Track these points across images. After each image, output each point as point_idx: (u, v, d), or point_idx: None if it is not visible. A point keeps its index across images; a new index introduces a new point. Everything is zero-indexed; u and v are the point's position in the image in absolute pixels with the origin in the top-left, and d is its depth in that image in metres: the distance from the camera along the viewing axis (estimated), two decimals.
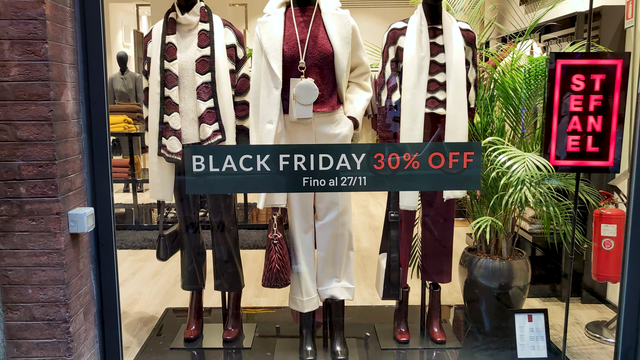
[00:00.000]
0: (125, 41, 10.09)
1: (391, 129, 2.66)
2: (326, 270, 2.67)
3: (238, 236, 2.85)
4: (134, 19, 7.83)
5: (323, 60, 2.43)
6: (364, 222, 5.53)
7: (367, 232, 5.19)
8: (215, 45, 2.56)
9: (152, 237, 4.95)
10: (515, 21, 4.40)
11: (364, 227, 5.35)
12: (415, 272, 3.05)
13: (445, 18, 2.61)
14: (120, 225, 5.43)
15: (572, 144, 2.34)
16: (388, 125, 2.66)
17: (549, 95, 2.31)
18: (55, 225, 2.01)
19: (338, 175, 2.19)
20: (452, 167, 2.22)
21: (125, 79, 6.78)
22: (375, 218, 5.66)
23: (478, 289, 2.89)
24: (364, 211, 6.03)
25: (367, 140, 7.69)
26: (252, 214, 5.78)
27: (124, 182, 6.17)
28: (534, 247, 3.85)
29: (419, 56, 2.56)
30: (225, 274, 2.82)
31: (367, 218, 5.71)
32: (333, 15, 2.46)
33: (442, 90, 2.59)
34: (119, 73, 6.82)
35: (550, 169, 2.29)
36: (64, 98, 2.04)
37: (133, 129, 5.37)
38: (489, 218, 2.60)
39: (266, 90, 2.43)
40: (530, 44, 3.68)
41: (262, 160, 2.18)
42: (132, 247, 4.76)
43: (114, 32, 9.64)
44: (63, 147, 2.04)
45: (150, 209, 5.83)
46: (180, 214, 2.81)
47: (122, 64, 6.77)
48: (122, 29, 10.09)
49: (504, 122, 2.80)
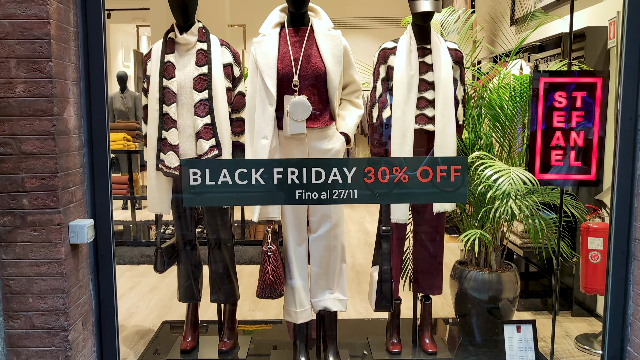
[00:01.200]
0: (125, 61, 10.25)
1: (382, 144, 2.75)
2: (319, 282, 2.74)
3: (234, 251, 2.92)
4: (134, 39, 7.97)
5: (316, 78, 2.53)
6: (359, 239, 5.60)
7: (363, 248, 5.25)
8: (212, 64, 2.66)
9: (149, 252, 5.01)
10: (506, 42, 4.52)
11: (359, 243, 5.41)
12: (407, 284, 3.11)
13: (434, 38, 2.71)
14: (119, 241, 5.48)
15: (556, 159, 2.43)
16: (379, 141, 2.75)
17: (533, 111, 2.41)
18: (56, 235, 2.08)
19: (330, 188, 2.28)
20: (440, 181, 2.31)
21: (124, 98, 6.90)
22: (370, 234, 5.72)
23: (468, 301, 2.95)
24: (360, 227, 6.09)
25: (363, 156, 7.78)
26: (249, 231, 5.85)
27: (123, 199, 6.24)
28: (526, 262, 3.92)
29: (408, 74, 2.66)
30: (221, 287, 2.88)
31: (362, 234, 5.78)
32: (326, 35, 2.56)
33: (431, 107, 2.69)
34: (118, 92, 6.94)
35: (535, 183, 2.38)
36: (66, 114, 2.13)
37: (132, 147, 5.46)
38: (477, 231, 2.67)
39: (261, 107, 2.52)
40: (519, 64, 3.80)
41: (256, 174, 2.27)
42: (130, 263, 4.82)
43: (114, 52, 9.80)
44: (65, 161, 2.12)
45: (149, 225, 5.90)
46: (178, 228, 2.88)
47: (121, 83, 6.89)
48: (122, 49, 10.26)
49: (492, 138, 2.90)
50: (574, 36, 3.38)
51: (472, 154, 2.69)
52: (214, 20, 6.50)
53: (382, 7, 8.18)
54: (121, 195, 5.67)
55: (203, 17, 2.84)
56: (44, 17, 2.00)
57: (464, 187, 2.30)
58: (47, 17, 2.01)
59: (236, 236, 5.67)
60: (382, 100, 2.74)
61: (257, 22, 2.70)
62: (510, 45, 3.95)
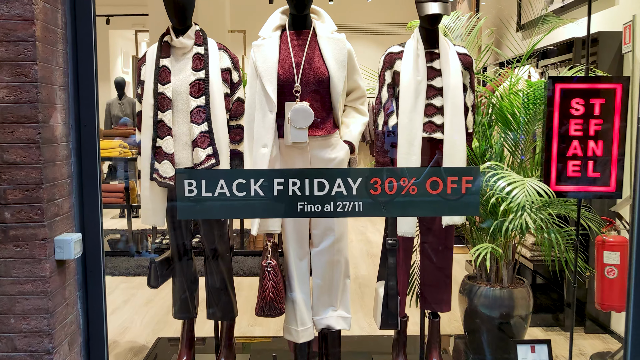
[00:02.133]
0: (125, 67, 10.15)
1: (388, 154, 2.62)
2: (322, 298, 2.59)
3: (232, 264, 2.78)
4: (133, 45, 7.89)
5: (318, 83, 2.40)
6: (361, 249, 5.45)
7: (365, 259, 5.11)
8: (209, 69, 2.53)
9: (145, 263, 4.87)
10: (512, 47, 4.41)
11: (361, 254, 5.27)
12: (414, 300, 2.96)
13: (442, 42, 2.58)
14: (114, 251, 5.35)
15: (573, 169, 2.29)
16: (385, 150, 2.62)
17: (548, 119, 2.28)
18: (40, 251, 1.94)
19: (334, 200, 2.14)
20: (450, 193, 2.17)
21: (122, 104, 6.78)
22: (373, 245, 5.58)
23: (479, 318, 2.81)
24: (362, 238, 5.95)
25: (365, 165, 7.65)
26: (248, 240, 5.70)
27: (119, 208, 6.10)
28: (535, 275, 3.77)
29: (415, 80, 2.53)
30: (218, 303, 2.74)
31: (365, 245, 5.63)
32: (329, 39, 2.43)
33: (440, 115, 2.55)
34: (116, 98, 6.82)
35: (552, 195, 2.24)
36: (53, 120, 2.00)
37: (129, 154, 5.33)
38: (488, 245, 2.53)
39: (261, 114, 2.39)
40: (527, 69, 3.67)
41: (256, 185, 2.13)
42: (126, 274, 4.67)
43: (113, 57, 9.70)
44: (51, 171, 1.99)
45: (147, 234, 5.76)
46: (173, 240, 2.74)
47: (119, 89, 6.77)
48: (122, 54, 10.16)
49: (503, 147, 2.76)
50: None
51: (483, 164, 2.55)
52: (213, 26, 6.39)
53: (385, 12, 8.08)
54: (117, 204, 5.52)
55: (202, 23, 2.71)
56: (28, 17, 1.87)
57: (476, 199, 2.17)
58: (32, 18, 1.88)
59: (235, 245, 5.53)
60: (387, 107, 2.61)
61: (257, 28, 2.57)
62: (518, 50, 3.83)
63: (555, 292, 3.62)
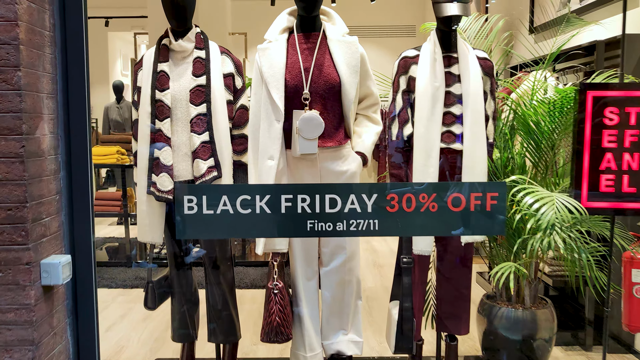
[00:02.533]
0: (124, 70, 9.98)
1: (403, 165, 2.44)
2: (332, 321, 2.41)
3: (234, 279, 2.60)
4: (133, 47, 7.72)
5: (329, 90, 2.22)
6: (367, 259, 5.26)
7: (372, 270, 4.92)
8: (211, 74, 2.35)
9: (144, 275, 4.68)
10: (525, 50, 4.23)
11: (367, 264, 5.08)
12: (430, 321, 2.78)
13: (461, 46, 2.41)
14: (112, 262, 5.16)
15: (606, 184, 2.11)
16: (400, 161, 2.44)
17: (579, 130, 2.10)
18: (24, 277, 1.76)
19: (347, 219, 1.95)
20: (474, 210, 1.99)
21: (121, 108, 6.60)
22: (379, 254, 5.39)
23: (499, 340, 2.62)
24: (368, 247, 5.76)
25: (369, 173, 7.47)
26: (249, 249, 5.51)
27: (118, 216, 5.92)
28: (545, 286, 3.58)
29: (433, 86, 2.35)
30: (219, 324, 2.56)
31: (371, 254, 5.44)
32: (340, 42, 2.26)
33: (459, 124, 2.37)
34: (114, 102, 6.65)
35: (584, 212, 2.05)
36: (39, 132, 1.81)
37: (127, 161, 5.15)
38: (512, 264, 2.35)
39: (266, 123, 2.21)
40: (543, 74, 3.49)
41: (261, 202, 1.95)
42: (123, 286, 4.48)
43: (112, 60, 9.54)
44: (37, 188, 1.80)
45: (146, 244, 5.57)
46: (171, 257, 2.56)
47: (118, 93, 6.60)
48: (121, 57, 9.98)
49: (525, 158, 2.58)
50: (609, 44, 3.08)
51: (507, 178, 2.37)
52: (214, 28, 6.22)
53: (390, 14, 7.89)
54: (115, 213, 5.35)
55: (202, 25, 2.53)
56: (11, 18, 1.69)
57: (502, 217, 1.98)
58: (15, 19, 1.69)
59: (236, 253, 5.34)
60: (402, 115, 2.43)
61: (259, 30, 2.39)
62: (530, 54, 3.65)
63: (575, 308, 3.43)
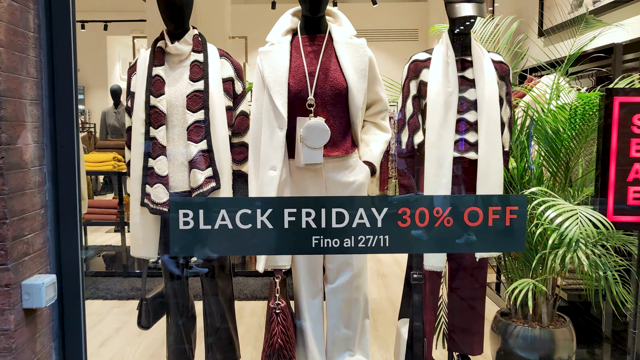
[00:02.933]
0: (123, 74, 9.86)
1: (413, 176, 2.29)
2: (337, 342, 2.26)
3: (233, 295, 2.45)
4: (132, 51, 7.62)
5: (335, 96, 2.07)
6: (371, 268, 5.11)
7: (376, 280, 4.77)
8: (209, 79, 2.21)
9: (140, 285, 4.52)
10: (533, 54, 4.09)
11: (370, 274, 4.92)
12: (441, 340, 2.62)
13: (475, 48, 2.26)
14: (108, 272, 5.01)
15: (634, 197, 1.96)
16: (410, 171, 2.29)
17: (605, 138, 1.95)
18: (3, 300, 1.61)
19: (355, 234, 1.81)
20: (492, 225, 1.84)
21: (118, 113, 6.46)
22: (383, 263, 5.24)
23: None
24: (371, 256, 5.60)
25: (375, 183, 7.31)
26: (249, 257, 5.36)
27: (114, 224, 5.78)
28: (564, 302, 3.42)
29: (445, 92, 2.21)
30: (217, 342, 2.40)
31: (374, 263, 5.29)
32: (347, 44, 2.11)
33: (473, 132, 2.23)
34: (112, 107, 6.51)
35: (610, 227, 1.91)
36: (21, 141, 1.67)
37: (123, 167, 5.00)
38: (530, 281, 2.20)
39: (268, 131, 2.06)
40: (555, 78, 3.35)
41: (263, 216, 1.80)
42: (119, 298, 4.33)
43: (111, 64, 9.42)
44: (18, 202, 1.66)
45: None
46: (167, 273, 2.41)
47: (115, 98, 6.47)
48: (120, 61, 9.87)
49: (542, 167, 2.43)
50: (628, 46, 2.94)
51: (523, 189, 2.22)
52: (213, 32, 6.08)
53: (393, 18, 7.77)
54: (111, 221, 5.20)
55: (201, 28, 2.39)
56: None
57: (522, 232, 1.84)
58: None
59: (235, 261, 5.18)
60: (413, 122, 2.28)
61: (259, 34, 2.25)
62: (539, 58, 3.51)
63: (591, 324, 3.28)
